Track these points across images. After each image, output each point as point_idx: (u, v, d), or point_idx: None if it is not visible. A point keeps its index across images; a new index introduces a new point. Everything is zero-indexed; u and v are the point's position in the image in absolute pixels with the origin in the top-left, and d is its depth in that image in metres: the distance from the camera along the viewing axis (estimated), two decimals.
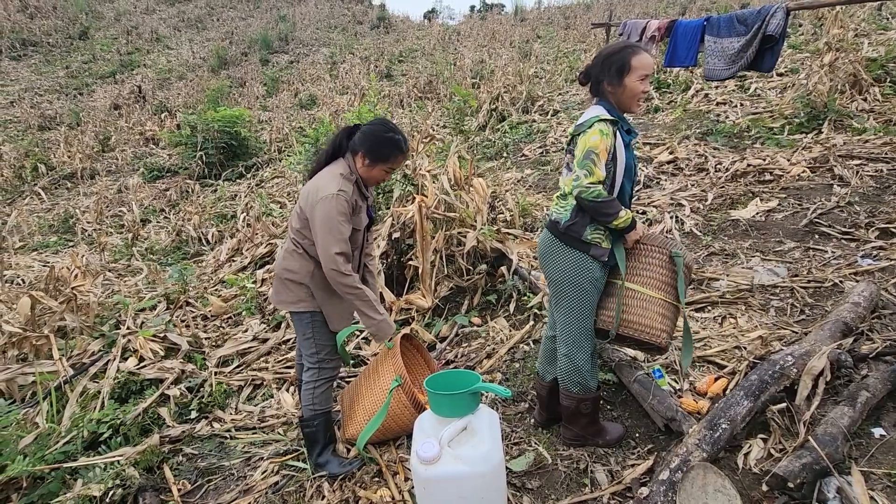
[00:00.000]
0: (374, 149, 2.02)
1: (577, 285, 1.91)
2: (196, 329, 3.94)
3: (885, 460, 1.82)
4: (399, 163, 2.09)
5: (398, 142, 2.04)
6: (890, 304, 2.55)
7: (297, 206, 2.11)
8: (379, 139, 2.03)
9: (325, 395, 2.29)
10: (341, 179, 2.00)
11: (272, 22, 24.05)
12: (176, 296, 4.43)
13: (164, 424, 2.85)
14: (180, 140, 10.28)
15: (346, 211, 1.99)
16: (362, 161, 2.04)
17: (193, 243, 6.64)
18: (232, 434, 2.75)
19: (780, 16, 3.58)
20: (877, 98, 5.87)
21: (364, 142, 2.03)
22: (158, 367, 3.30)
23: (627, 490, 1.92)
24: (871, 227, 3.30)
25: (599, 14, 18.44)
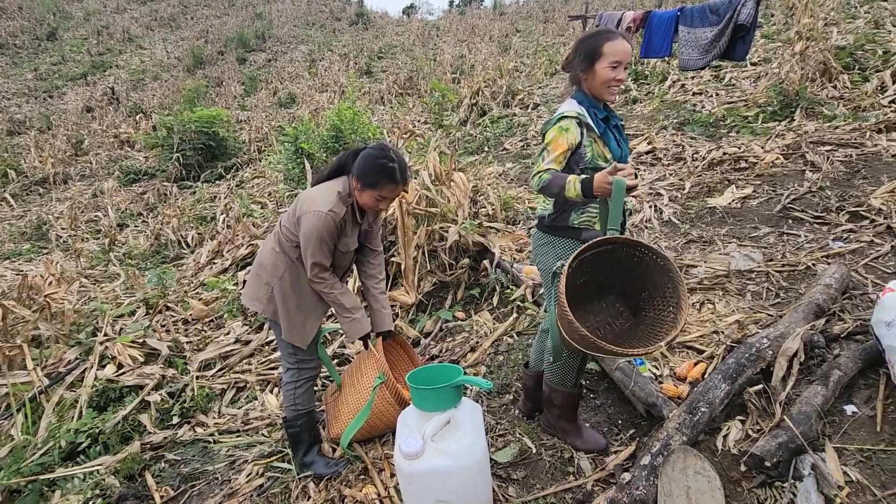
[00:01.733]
0: (365, 173, 1.98)
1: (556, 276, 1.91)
2: (177, 333, 3.88)
3: (857, 436, 1.87)
4: (390, 192, 2.01)
5: (390, 170, 1.97)
6: (860, 285, 2.61)
7: (292, 207, 2.11)
8: (371, 164, 1.98)
9: (306, 394, 2.28)
10: (337, 199, 1.98)
11: (248, 20, 23.68)
12: (155, 300, 4.35)
13: (146, 431, 2.81)
14: (156, 142, 10.08)
15: (332, 231, 1.99)
16: (356, 184, 2.02)
17: (173, 247, 6.53)
18: (215, 438, 2.71)
19: (751, 5, 3.64)
20: (846, 85, 5.99)
21: (358, 165, 2.00)
22: (138, 373, 3.24)
23: (611, 476, 1.94)
24: (841, 210, 3.38)
25: (577, 7, 18.51)
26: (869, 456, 1.78)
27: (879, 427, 1.87)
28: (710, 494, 1.74)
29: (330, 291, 2.10)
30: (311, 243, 1.99)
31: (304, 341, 2.17)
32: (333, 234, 2.01)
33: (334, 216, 1.97)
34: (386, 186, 1.99)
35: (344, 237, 2.08)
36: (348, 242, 2.12)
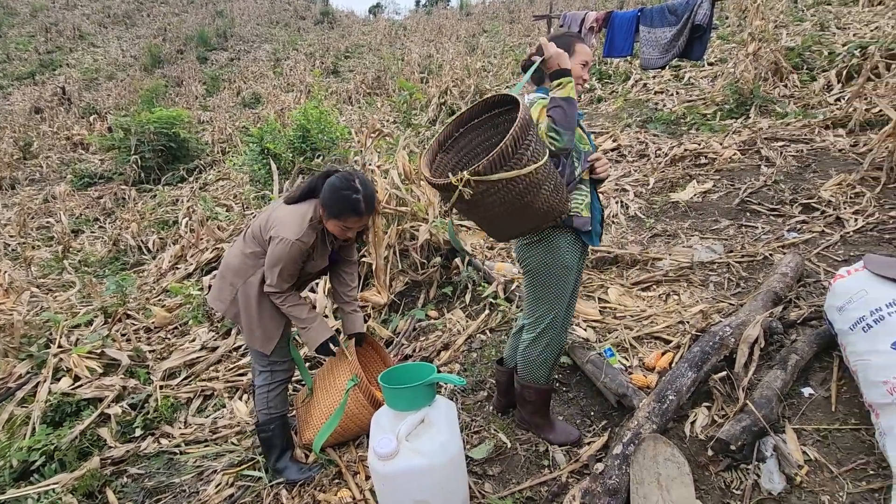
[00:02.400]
0: (328, 203, 1.97)
1: (549, 273, 1.88)
2: (138, 342, 3.72)
3: (814, 417, 1.96)
4: (354, 223, 2.00)
5: (354, 202, 1.94)
6: (813, 273, 2.74)
7: (267, 215, 2.09)
8: (335, 195, 1.96)
9: (279, 398, 2.23)
10: (308, 227, 1.97)
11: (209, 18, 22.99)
12: (114, 309, 4.16)
13: (105, 445, 2.68)
14: (113, 144, 9.66)
15: (298, 259, 2.02)
16: (322, 212, 2.01)
17: (133, 252, 6.27)
18: (182, 449, 2.62)
19: (707, 6, 3.76)
20: (796, 84, 6.29)
21: (324, 194, 1.98)
22: (96, 385, 3.09)
23: (585, 468, 1.97)
24: (794, 203, 3.54)
25: (542, 7, 18.78)
26: (825, 435, 1.87)
27: (834, 407, 1.96)
28: (679, 480, 1.79)
29: (283, 304, 2.09)
30: (275, 267, 1.99)
31: (265, 346, 2.14)
32: (299, 261, 2.03)
33: (302, 245, 1.97)
34: (350, 218, 1.97)
35: (312, 260, 2.10)
36: (316, 264, 2.13)
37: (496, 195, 1.60)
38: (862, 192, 3.40)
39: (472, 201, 1.62)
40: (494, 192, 1.59)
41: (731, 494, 1.76)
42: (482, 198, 1.60)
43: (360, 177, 2.01)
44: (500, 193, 1.59)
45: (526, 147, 1.57)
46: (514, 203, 1.62)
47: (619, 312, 2.77)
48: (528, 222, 1.74)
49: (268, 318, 2.12)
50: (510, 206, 1.63)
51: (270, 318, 2.13)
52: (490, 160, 1.53)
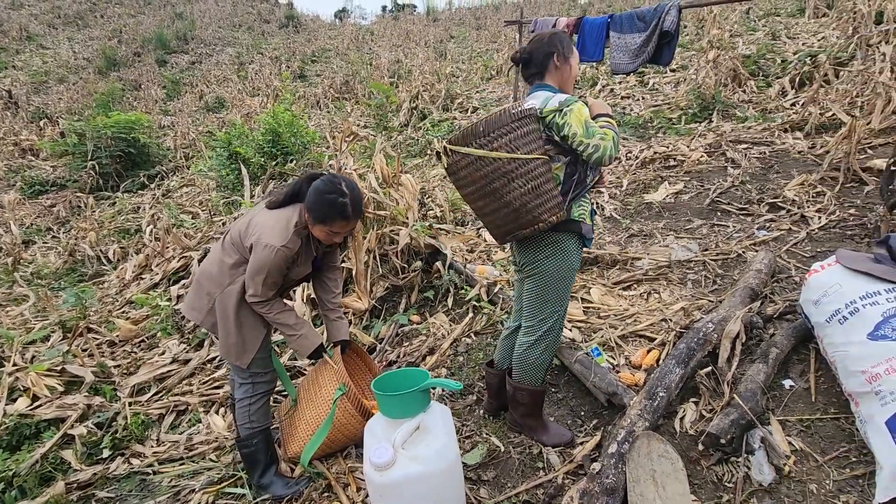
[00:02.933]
0: (314, 208, 1.90)
1: (562, 277, 1.89)
2: (102, 357, 3.51)
3: (795, 408, 2.02)
4: (341, 227, 1.93)
5: (341, 206, 1.87)
6: (784, 269, 2.85)
7: (247, 220, 2.00)
8: (320, 199, 1.88)
9: (262, 410, 2.14)
10: (293, 233, 1.90)
11: (168, 20, 22.25)
12: (74, 322, 3.92)
13: (70, 469, 2.50)
14: (66, 150, 9.18)
15: (282, 266, 1.94)
16: (307, 216, 1.94)
17: (91, 263, 5.94)
18: (155, 469, 2.47)
19: (674, 13, 3.89)
20: (753, 90, 6.60)
21: (309, 198, 1.91)
22: (57, 404, 2.89)
23: (580, 468, 1.97)
24: (761, 202, 3.69)
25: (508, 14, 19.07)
26: (808, 425, 1.93)
27: (814, 398, 2.03)
28: (674, 476, 1.80)
29: (269, 312, 2.01)
30: (259, 275, 1.91)
31: (241, 359, 2.05)
32: (283, 268, 1.95)
33: (287, 252, 1.90)
34: (336, 223, 1.91)
35: (296, 267, 2.03)
36: (300, 271, 2.06)
37: (465, 170, 1.77)
38: (823, 191, 3.57)
39: (451, 172, 1.83)
40: (464, 167, 1.77)
41: (723, 487, 1.79)
42: (456, 170, 1.80)
43: (346, 180, 1.96)
44: (468, 169, 1.76)
45: (502, 134, 1.69)
46: (482, 185, 1.77)
47: (602, 312, 2.80)
48: (502, 215, 1.80)
49: (247, 329, 2.03)
50: (479, 187, 1.78)
51: (249, 328, 2.04)
52: (461, 132, 1.74)
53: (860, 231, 3.06)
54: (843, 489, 1.67)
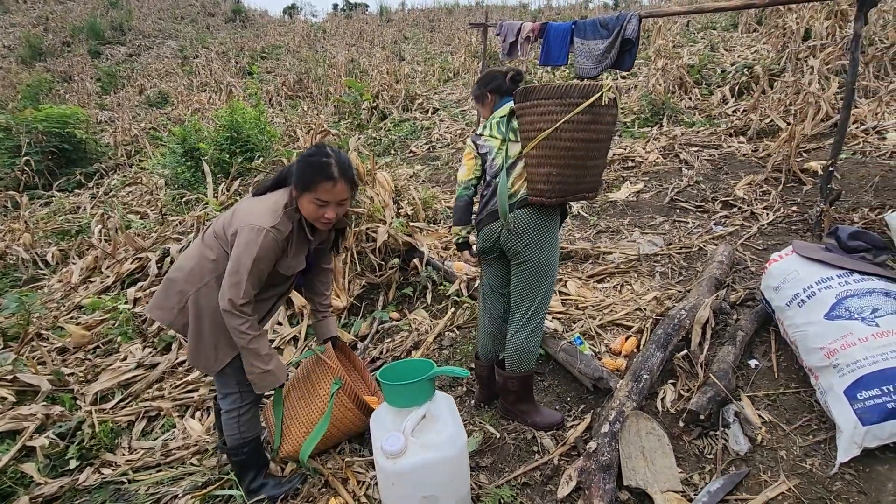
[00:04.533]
0: (298, 175, 1.72)
1: (554, 262, 2.02)
2: (55, 365, 3.26)
3: (761, 384, 2.21)
4: (327, 192, 1.70)
5: (324, 165, 1.69)
6: (741, 261, 3.10)
7: (231, 211, 1.84)
8: (303, 163, 1.72)
9: (252, 420, 2.02)
10: (282, 214, 1.72)
11: (101, 8, 20.79)
12: (19, 330, 3.62)
13: (33, 483, 2.32)
14: None
15: (271, 254, 1.72)
16: (294, 192, 1.75)
17: (26, 267, 5.48)
18: (130, 477, 2.34)
19: (635, 22, 4.12)
20: (698, 97, 7.07)
21: (294, 170, 1.75)
22: (11, 415, 2.67)
23: (572, 449, 2.06)
24: (715, 200, 3.98)
25: (461, 18, 19.33)
26: (774, 399, 2.12)
27: (776, 375, 2.23)
28: (661, 451, 1.93)
29: (245, 332, 1.72)
30: (242, 264, 1.67)
31: (211, 366, 1.85)
32: (272, 256, 1.73)
33: (277, 235, 1.69)
34: (321, 186, 1.69)
35: (286, 259, 1.80)
36: (291, 265, 1.83)
37: (612, 117, 1.86)
38: (768, 190, 3.90)
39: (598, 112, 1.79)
40: (612, 115, 1.85)
41: (705, 459, 1.94)
42: (604, 112, 1.81)
43: (332, 147, 1.86)
44: (612, 118, 1.86)
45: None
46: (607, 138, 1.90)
47: (580, 304, 2.93)
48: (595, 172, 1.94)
49: (218, 334, 1.82)
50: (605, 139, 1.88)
51: (221, 333, 1.81)
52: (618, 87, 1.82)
53: (803, 226, 3.38)
54: (809, 453, 1.86)
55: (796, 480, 1.75)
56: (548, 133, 1.80)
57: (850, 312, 1.95)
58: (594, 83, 1.78)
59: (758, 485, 1.78)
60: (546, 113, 1.80)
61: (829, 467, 1.76)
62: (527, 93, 1.85)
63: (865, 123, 4.73)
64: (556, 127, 1.78)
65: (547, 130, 1.79)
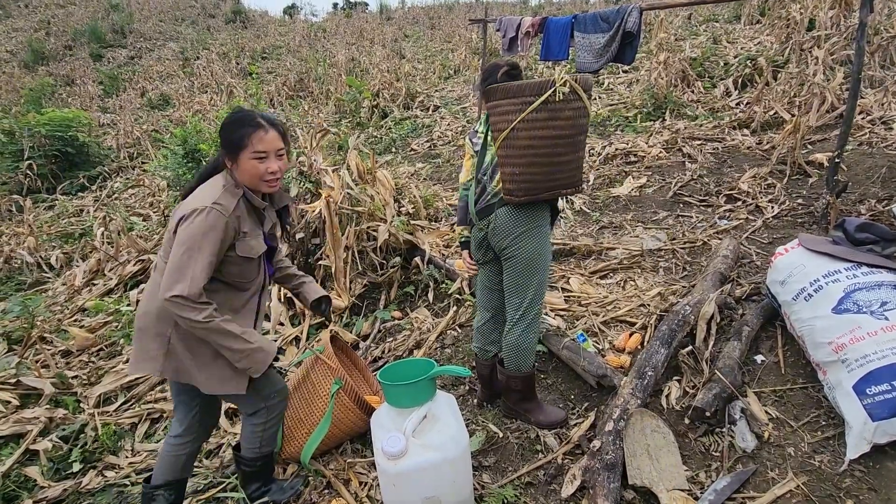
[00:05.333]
0: (226, 139, 1.63)
1: (543, 257, 1.98)
2: (58, 368, 3.27)
3: (768, 380, 2.18)
4: (260, 141, 1.59)
5: (247, 117, 1.62)
6: (746, 255, 3.06)
7: (170, 230, 1.64)
8: (226, 126, 1.64)
9: (274, 435, 1.94)
10: (221, 191, 1.59)
11: (102, 11, 20.86)
12: (23, 333, 3.63)
13: (36, 486, 2.32)
14: None
15: (220, 229, 1.54)
16: (229, 163, 1.64)
17: (31, 270, 5.50)
18: (133, 480, 2.33)
19: (636, 14, 4.07)
20: (701, 91, 7.00)
21: (222, 139, 1.65)
22: (14, 419, 2.68)
23: (576, 448, 2.04)
24: (719, 194, 3.93)
25: (461, 14, 19.24)
26: (781, 395, 2.08)
27: (783, 370, 2.20)
28: (666, 448, 1.91)
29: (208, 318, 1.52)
30: (188, 249, 1.50)
31: (239, 384, 1.69)
32: (221, 236, 1.54)
33: (222, 210, 1.54)
34: (253, 136, 1.58)
35: (244, 240, 1.63)
36: (253, 245, 1.66)
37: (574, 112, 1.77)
38: (773, 183, 3.85)
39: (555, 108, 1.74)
40: (574, 108, 1.77)
41: (711, 456, 1.91)
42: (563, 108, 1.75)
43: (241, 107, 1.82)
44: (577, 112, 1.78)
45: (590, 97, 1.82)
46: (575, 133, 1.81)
47: (583, 300, 2.90)
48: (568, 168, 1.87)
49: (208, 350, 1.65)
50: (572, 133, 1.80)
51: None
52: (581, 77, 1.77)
53: (809, 218, 3.33)
54: (817, 450, 1.82)
55: (805, 478, 1.72)
56: (506, 133, 1.79)
57: (858, 306, 1.91)
58: (549, 79, 1.73)
59: (765, 482, 1.75)
60: (504, 113, 1.80)
61: (839, 464, 1.73)
62: (488, 93, 1.85)
63: (872, 114, 4.67)
64: (513, 127, 1.77)
65: (505, 131, 1.80)
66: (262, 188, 1.67)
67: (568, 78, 1.73)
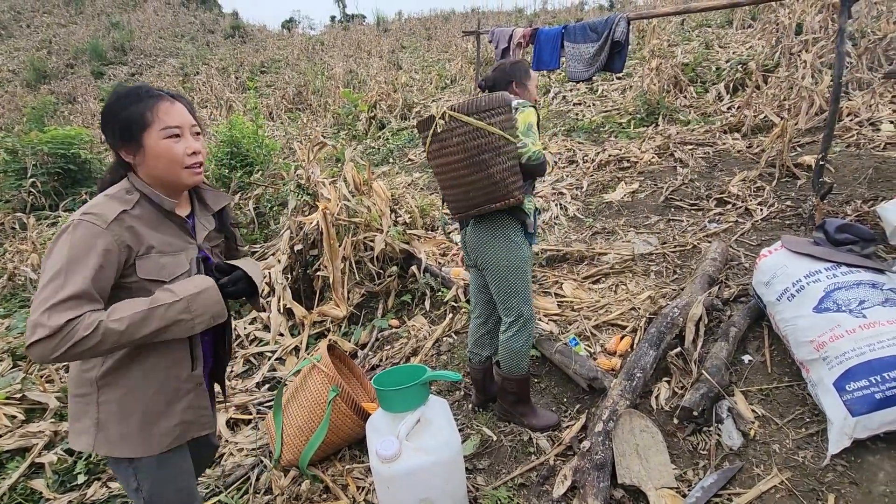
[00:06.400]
0: (118, 126, 1.22)
1: (515, 266, 2.03)
2: (62, 383, 3.33)
3: (755, 379, 2.23)
4: (168, 115, 1.22)
5: (140, 92, 1.23)
6: (735, 257, 3.11)
7: None
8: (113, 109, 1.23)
9: None
10: (102, 199, 1.20)
11: (103, 30, 21.16)
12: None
13: (43, 499, 2.38)
14: None
15: (94, 248, 1.12)
16: (132, 158, 1.25)
17: (34, 287, 5.58)
18: None
19: (623, 24, 4.17)
20: (693, 96, 7.09)
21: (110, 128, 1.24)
22: (20, 433, 2.74)
23: (568, 449, 2.09)
24: (710, 198, 4.00)
25: (457, 25, 19.46)
26: (767, 394, 2.13)
27: (770, 369, 2.25)
28: (655, 448, 1.96)
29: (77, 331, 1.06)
30: (49, 280, 1.09)
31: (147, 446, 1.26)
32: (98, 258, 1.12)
33: (94, 221, 1.14)
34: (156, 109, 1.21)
35: (148, 257, 1.21)
36: (164, 264, 1.23)
37: (460, 137, 1.86)
38: (762, 186, 3.92)
39: (442, 139, 1.87)
40: (460, 134, 1.86)
41: (699, 455, 1.96)
42: (448, 136, 1.87)
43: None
44: (463, 137, 1.85)
45: (499, 113, 1.86)
46: (472, 154, 1.86)
47: (575, 305, 2.96)
48: (480, 185, 1.90)
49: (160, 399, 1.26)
50: (469, 156, 1.87)
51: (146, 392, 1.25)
52: (463, 103, 1.86)
53: (797, 220, 3.39)
54: (801, 446, 1.87)
55: (788, 473, 1.76)
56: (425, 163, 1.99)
57: (837, 305, 1.97)
58: (431, 115, 1.91)
59: (751, 478, 1.80)
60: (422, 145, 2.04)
61: (821, 459, 1.77)
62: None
63: (860, 115, 4.74)
64: (426, 158, 2.02)
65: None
66: (185, 179, 1.28)
67: (447, 110, 1.87)
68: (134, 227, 1.20)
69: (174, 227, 1.30)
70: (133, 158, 1.25)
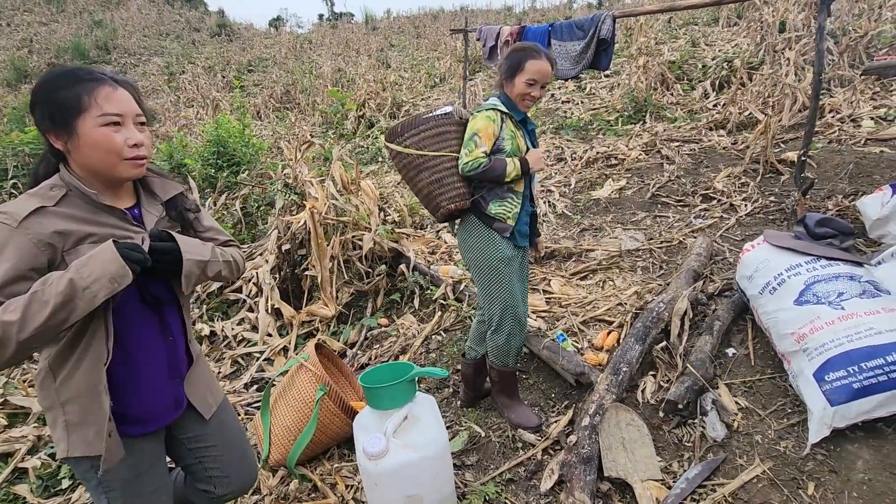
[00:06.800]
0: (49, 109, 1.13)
1: (490, 266, 2.02)
2: None
3: (738, 372, 2.26)
4: (107, 99, 1.13)
5: (76, 70, 1.14)
6: (719, 252, 3.15)
7: None
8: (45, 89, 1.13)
9: None
10: (21, 197, 1.12)
11: (85, 28, 20.82)
12: None
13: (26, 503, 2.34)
14: None
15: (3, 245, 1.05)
16: (61, 145, 1.15)
17: None
18: None
19: (609, 22, 4.19)
20: (680, 93, 7.16)
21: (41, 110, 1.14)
22: (3, 438, 2.70)
23: (556, 443, 2.10)
24: (695, 194, 4.04)
25: (446, 23, 19.43)
26: (750, 385, 2.17)
27: (753, 362, 2.28)
28: (641, 441, 1.98)
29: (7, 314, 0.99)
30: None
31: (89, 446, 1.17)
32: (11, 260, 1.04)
33: (4, 220, 1.06)
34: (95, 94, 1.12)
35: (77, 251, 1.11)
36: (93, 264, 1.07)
37: (395, 160, 2.08)
38: (747, 182, 3.97)
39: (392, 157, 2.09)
40: (393, 157, 2.08)
41: (683, 447, 1.98)
42: (392, 161, 2.15)
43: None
44: (396, 160, 2.07)
45: (413, 134, 1.99)
46: (405, 174, 2.07)
47: (563, 301, 2.98)
48: (420, 197, 2.09)
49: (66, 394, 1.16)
50: (404, 175, 2.09)
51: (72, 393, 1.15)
52: (388, 130, 2.04)
53: (780, 215, 3.44)
54: (783, 436, 1.90)
55: (770, 463, 1.79)
56: None
57: (817, 297, 2.00)
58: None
59: (734, 469, 1.82)
60: None
61: (802, 449, 1.81)
62: None
63: (841, 112, 4.82)
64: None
65: None
66: (123, 172, 1.18)
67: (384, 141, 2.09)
68: (58, 224, 1.10)
69: (114, 219, 1.20)
70: (63, 145, 1.14)
